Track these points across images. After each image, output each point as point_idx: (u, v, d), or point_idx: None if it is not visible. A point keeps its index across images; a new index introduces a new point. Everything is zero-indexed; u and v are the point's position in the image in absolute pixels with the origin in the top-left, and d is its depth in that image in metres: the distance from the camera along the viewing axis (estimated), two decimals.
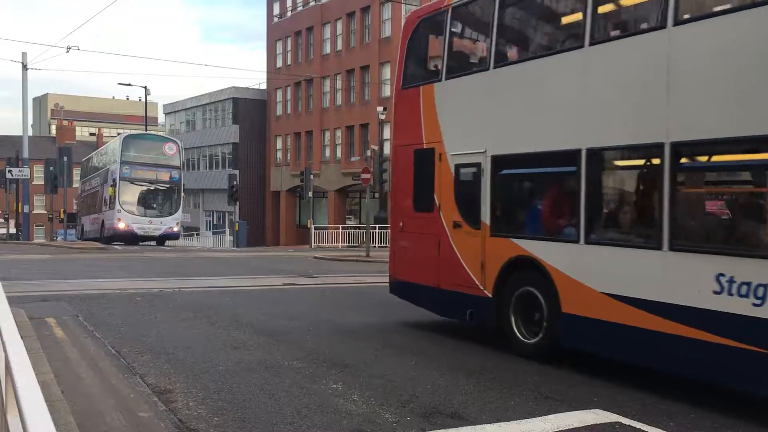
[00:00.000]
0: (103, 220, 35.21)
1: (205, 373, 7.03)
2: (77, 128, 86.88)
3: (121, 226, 32.80)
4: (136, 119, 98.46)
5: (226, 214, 53.24)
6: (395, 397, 6.31)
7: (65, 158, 33.10)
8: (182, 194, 35.67)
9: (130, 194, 33.54)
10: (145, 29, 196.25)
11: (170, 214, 34.46)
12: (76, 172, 73.80)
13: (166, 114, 66.99)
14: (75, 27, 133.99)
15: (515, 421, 5.64)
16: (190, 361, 7.53)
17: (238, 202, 38.67)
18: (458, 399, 6.29)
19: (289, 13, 51.50)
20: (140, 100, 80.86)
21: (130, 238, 33.36)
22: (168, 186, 34.53)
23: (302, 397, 6.19)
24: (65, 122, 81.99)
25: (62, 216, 37.83)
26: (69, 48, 28.82)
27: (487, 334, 9.10)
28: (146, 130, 52.28)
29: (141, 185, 34.02)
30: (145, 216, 33.44)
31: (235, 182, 36.72)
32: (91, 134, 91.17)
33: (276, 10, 53.01)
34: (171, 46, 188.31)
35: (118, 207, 32.70)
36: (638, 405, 6.23)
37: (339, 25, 45.55)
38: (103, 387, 6.41)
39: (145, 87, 46.16)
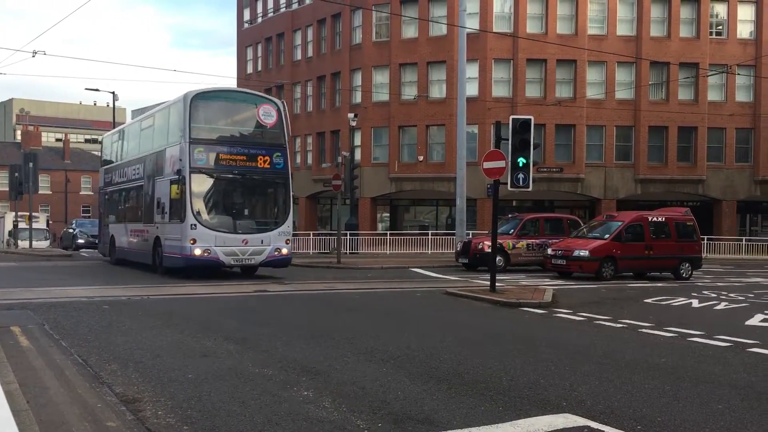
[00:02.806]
0: (157, 238, 20.36)
1: (174, 381, 6.96)
2: (43, 134, 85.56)
3: (198, 252, 18.26)
4: (103, 125, 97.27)
5: None
6: (366, 403, 6.31)
7: (30, 164, 32.58)
8: (291, 190, 20.50)
9: (208, 196, 19.31)
10: (115, 34, 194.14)
11: (276, 225, 19.75)
12: (44, 179, 72.82)
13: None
14: (42, 31, 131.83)
15: (485, 426, 5.67)
16: (158, 370, 7.45)
17: None
18: (429, 405, 6.31)
19: (259, 19, 51.30)
20: (108, 105, 79.91)
21: (212, 269, 19.62)
22: (270, 177, 19.92)
23: (273, 405, 6.16)
24: (30, 128, 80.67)
25: (27, 223, 37.19)
26: (35, 52, 28.36)
27: (458, 341, 9.15)
28: None
29: (226, 178, 19.45)
30: (237, 232, 18.99)
31: None
32: (58, 140, 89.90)
33: (246, 15, 52.78)
34: (141, 51, 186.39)
35: (190, 219, 18.37)
36: (606, 409, 6.30)
37: (310, 32, 45.51)
38: (70, 396, 6.30)
39: (113, 92, 45.80)
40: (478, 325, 11.66)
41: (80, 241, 38.10)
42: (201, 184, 18.89)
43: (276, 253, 19.18)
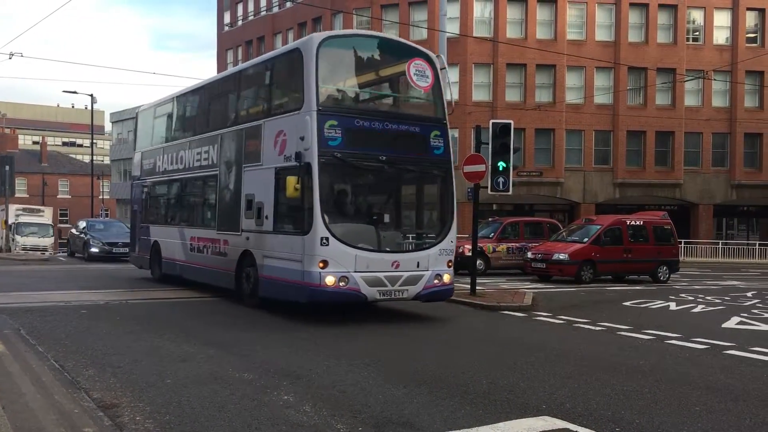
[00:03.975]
0: (247, 255, 13.42)
1: (152, 386, 6.89)
2: (20, 136, 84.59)
3: (331, 280, 11.27)
4: (81, 127, 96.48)
5: None
6: (347, 407, 6.29)
7: (7, 167, 32.18)
8: (454, 187, 12.90)
9: (344, 195, 12.41)
10: (94, 36, 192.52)
11: (436, 240, 12.53)
12: (20, 182, 71.89)
13: (113, 122, 65.75)
14: (19, 33, 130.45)
15: (465, 429, 5.68)
16: (137, 375, 7.38)
17: None
18: (410, 408, 6.31)
19: (240, 23, 51.15)
20: (86, 108, 79.18)
21: (351, 304, 12.06)
22: (427, 168, 12.84)
23: (253, 410, 6.13)
24: (7, 130, 79.71)
25: (3, 227, 36.40)
26: (12, 54, 28.05)
27: (439, 344, 9.16)
28: (92, 140, 50.96)
29: (370, 169, 12.37)
30: (384, 251, 11.98)
31: None
32: (35, 143, 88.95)
33: (227, 19, 52.60)
34: (120, 54, 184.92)
35: (320, 230, 11.28)
36: (585, 411, 6.34)
37: (290, 36, 45.42)
38: (46, 402, 6.22)
39: (92, 95, 45.22)
40: (458, 329, 11.68)
41: (93, 249, 28.42)
42: (335, 177, 11.82)
43: (436, 281, 11.98)
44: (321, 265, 11.08)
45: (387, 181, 12.62)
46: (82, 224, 31.56)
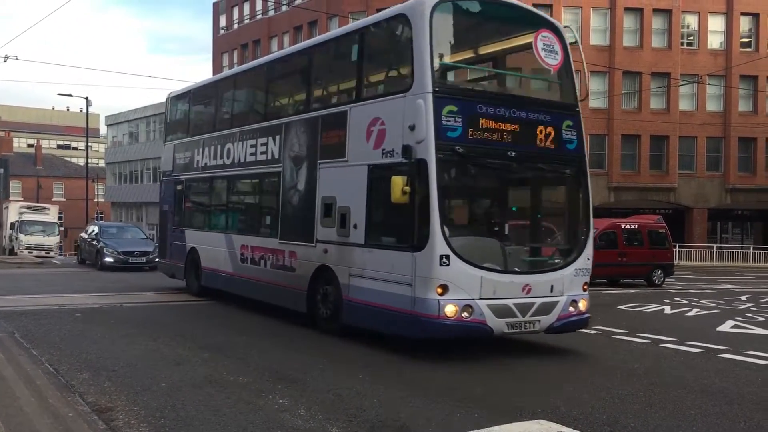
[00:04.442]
0: (325, 271, 10.80)
1: (147, 390, 6.88)
2: (15, 139, 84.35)
3: (452, 309, 8.60)
4: (76, 131, 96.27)
5: None
6: (342, 411, 6.29)
7: (2, 170, 32.15)
8: (590, 190, 10.14)
9: (466, 200, 10.37)
10: (89, 39, 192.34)
11: (571, 257, 9.81)
12: (15, 185, 71.73)
13: (108, 126, 65.67)
14: (14, 35, 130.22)
15: None
16: (131, 378, 7.36)
17: None
18: (406, 412, 6.31)
19: (235, 26, 51.18)
20: (81, 111, 79.04)
21: (468, 338, 9.24)
22: (558, 167, 10.15)
23: (248, 413, 6.12)
24: (2, 133, 79.48)
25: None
26: (7, 57, 27.98)
27: (434, 349, 9.15)
28: (87, 143, 50.94)
29: (497, 167, 9.70)
30: (512, 271, 9.31)
31: None
32: (29, 145, 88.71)
33: (222, 22, 52.63)
34: (115, 57, 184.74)
35: (440, 246, 8.61)
36: (580, 415, 6.35)
37: (286, 39, 45.45)
38: (41, 406, 6.20)
39: (87, 98, 45.13)
40: None
41: (108, 259, 24.40)
42: (455, 178, 9.56)
43: (571, 309, 9.56)
44: (439, 290, 8.58)
45: (514, 182, 10.26)
46: (94, 229, 27.57)
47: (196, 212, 16.17)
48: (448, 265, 8.62)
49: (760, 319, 14.15)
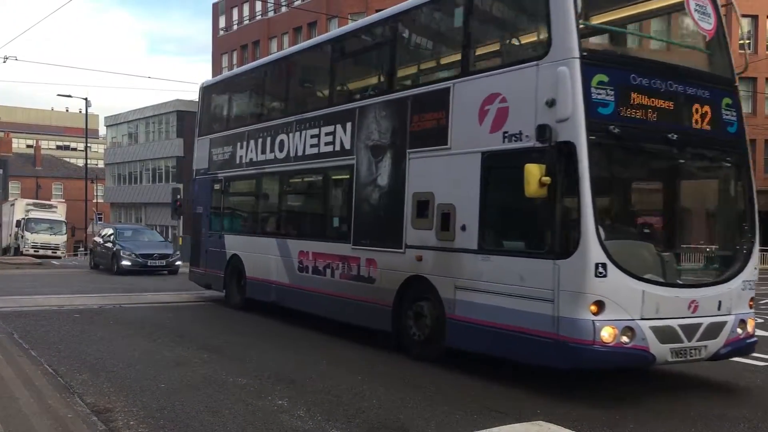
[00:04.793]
0: (419, 283, 8.94)
1: (146, 391, 6.87)
2: (14, 140, 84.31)
3: (610, 334, 6.81)
4: (76, 131, 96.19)
5: (170, 229, 52.28)
6: (341, 411, 6.28)
7: (1, 171, 32.05)
8: (754, 184, 8.23)
9: (619, 197, 8.31)
10: (89, 39, 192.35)
11: (738, 266, 7.86)
12: (14, 185, 71.58)
13: (107, 126, 65.64)
14: (12, 36, 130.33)
15: None
16: (131, 379, 7.35)
17: (181, 217, 37.89)
18: (404, 413, 6.31)
19: (235, 27, 51.21)
20: (80, 111, 79.02)
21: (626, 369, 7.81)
22: (718, 154, 8.23)
23: (247, 414, 6.11)
24: (1, 134, 79.45)
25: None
26: (6, 58, 28.01)
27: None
28: (86, 144, 50.95)
29: (657, 153, 7.85)
30: (674, 284, 7.48)
31: (178, 196, 35.93)
32: (29, 146, 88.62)
33: (222, 23, 52.68)
34: (115, 58, 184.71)
35: (595, 252, 6.81)
36: (579, 416, 6.35)
37: (285, 40, 45.48)
38: (40, 407, 6.19)
39: (86, 98, 45.11)
40: None
41: (125, 262, 22.87)
42: (608, 166, 7.82)
43: (739, 331, 7.81)
44: (594, 308, 6.84)
45: (672, 172, 8.27)
46: (108, 232, 25.96)
47: (240, 214, 14.40)
48: (604, 276, 6.81)
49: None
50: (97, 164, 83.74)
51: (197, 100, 16.04)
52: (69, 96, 57.10)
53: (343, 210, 10.83)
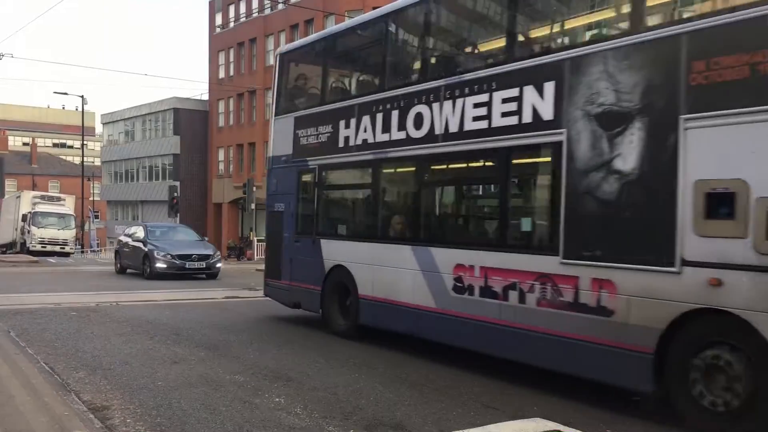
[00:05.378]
0: (723, 330, 5.87)
1: (143, 388, 6.87)
2: (10, 137, 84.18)
3: None
4: (72, 129, 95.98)
5: None
6: (338, 409, 6.29)
7: None
8: None
9: None
10: (85, 37, 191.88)
11: None
12: (10, 183, 71.41)
13: (104, 124, 65.52)
14: (8, 34, 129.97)
15: (457, 431, 5.69)
16: (127, 377, 7.35)
17: (178, 214, 37.81)
18: (401, 410, 6.31)
19: (231, 24, 51.11)
20: (77, 109, 78.87)
21: None
22: None
23: (244, 412, 6.11)
24: None
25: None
26: (2, 56, 27.94)
27: (430, 347, 9.16)
28: (83, 141, 50.74)
29: None
30: None
31: (175, 194, 35.98)
32: (25, 144, 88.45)
33: (218, 20, 52.56)
34: (111, 55, 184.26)
35: None
36: (577, 413, 6.36)
37: (282, 37, 45.39)
38: (36, 405, 6.19)
39: (82, 96, 45.05)
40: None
41: (160, 264, 20.24)
42: None
43: None
44: None
45: None
46: (137, 231, 22.93)
47: (345, 213, 11.52)
48: None
49: None
50: (93, 162, 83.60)
51: (274, 70, 12.46)
52: (65, 93, 57.20)
53: (540, 207, 7.99)
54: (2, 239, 41.21)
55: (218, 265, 21.39)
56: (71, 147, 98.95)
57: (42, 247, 33.90)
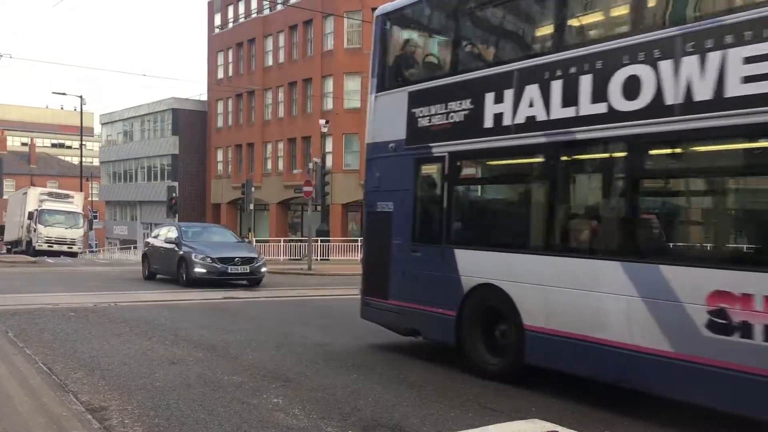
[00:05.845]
0: None
1: (141, 389, 6.86)
2: (8, 138, 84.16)
3: None
4: (70, 129, 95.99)
5: None
6: (337, 410, 6.28)
7: None
8: None
9: None
10: (84, 37, 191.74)
11: None
12: (8, 183, 71.35)
13: (102, 124, 65.53)
14: (6, 34, 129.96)
15: None
16: (125, 378, 7.34)
17: (177, 215, 37.77)
18: (400, 411, 6.31)
19: (230, 25, 51.13)
20: (75, 109, 78.88)
21: None
22: None
23: (242, 413, 6.11)
24: None
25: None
26: (1, 56, 27.90)
27: (429, 348, 9.16)
28: (81, 141, 50.73)
29: None
30: None
31: (174, 194, 35.98)
32: (23, 144, 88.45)
33: (217, 20, 52.59)
34: (110, 55, 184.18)
35: None
36: (575, 414, 6.36)
37: (281, 38, 45.43)
38: (34, 405, 6.18)
39: (81, 96, 45.04)
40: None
41: (199, 269, 17.81)
42: None
43: None
44: None
45: None
46: (168, 231, 20.21)
47: (498, 214, 8.99)
48: None
49: None
50: (92, 162, 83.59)
51: (374, 36, 9.94)
52: (64, 94, 57.15)
53: None
54: (8, 237, 40.02)
55: (263, 269, 18.88)
56: (70, 147, 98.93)
57: (48, 246, 32.44)
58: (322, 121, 32.99)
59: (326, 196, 30.47)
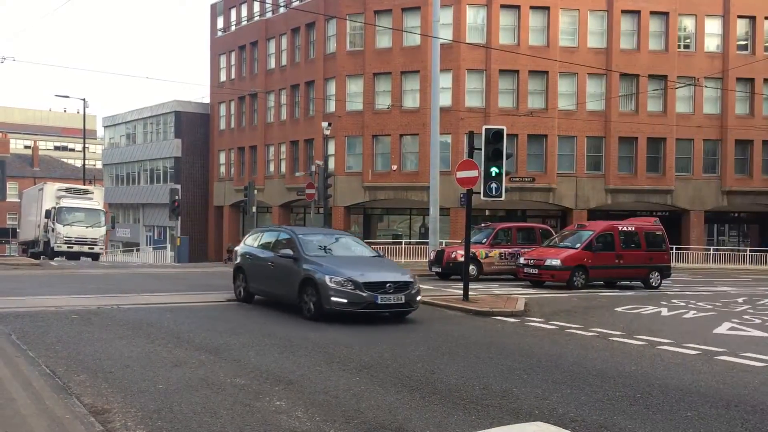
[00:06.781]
0: None
1: (144, 391, 6.87)
2: (12, 140, 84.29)
3: None
4: (73, 132, 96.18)
5: (167, 229, 52.28)
6: (340, 412, 6.28)
7: None
8: None
9: None
10: (87, 40, 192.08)
11: None
12: (12, 186, 71.33)
13: (105, 127, 65.64)
14: (9, 37, 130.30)
15: None
16: (128, 380, 7.35)
17: (179, 217, 37.73)
18: (402, 414, 6.31)
19: (233, 27, 51.20)
20: (78, 112, 78.98)
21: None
22: None
23: (245, 415, 6.11)
24: None
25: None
26: (4, 59, 27.98)
27: (430, 349, 9.17)
28: (84, 144, 50.87)
29: None
30: None
31: (176, 197, 36.02)
32: (26, 147, 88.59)
33: (220, 23, 52.68)
34: (113, 58, 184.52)
35: None
36: (578, 417, 6.36)
37: (284, 40, 45.47)
38: (37, 408, 6.19)
39: (84, 99, 45.09)
40: (451, 334, 11.68)
41: (337, 298, 12.01)
42: None
43: None
44: None
45: None
46: (277, 237, 14.61)
47: None
48: None
49: (757, 321, 14.17)
50: (94, 165, 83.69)
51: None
52: (67, 96, 57.15)
53: None
54: (24, 237, 37.63)
55: (419, 298, 13.08)
56: (73, 150, 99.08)
57: (68, 247, 30.49)
58: (324, 124, 33.01)
59: (329, 199, 30.49)
